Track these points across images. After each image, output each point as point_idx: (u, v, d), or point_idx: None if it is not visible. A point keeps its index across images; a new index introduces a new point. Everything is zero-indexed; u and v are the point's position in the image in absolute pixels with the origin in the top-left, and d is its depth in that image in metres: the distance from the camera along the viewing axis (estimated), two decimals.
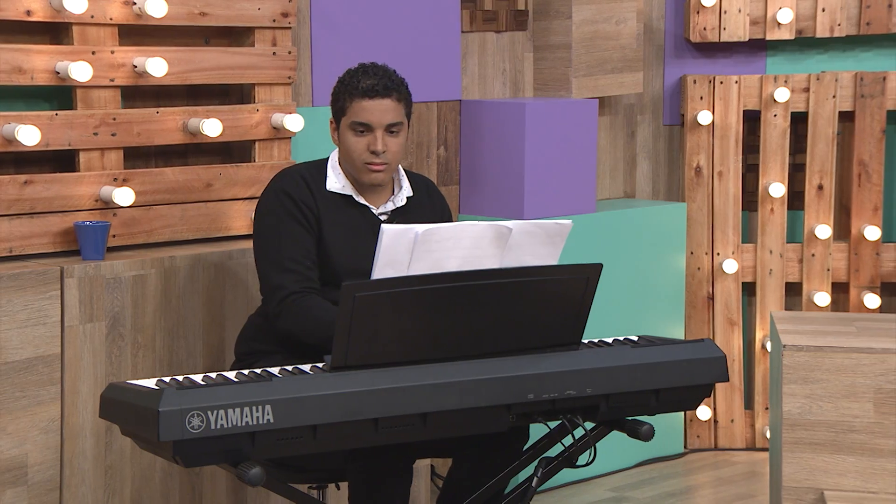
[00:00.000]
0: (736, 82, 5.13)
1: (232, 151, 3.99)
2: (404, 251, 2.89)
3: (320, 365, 2.94)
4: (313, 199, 3.29)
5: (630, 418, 3.15)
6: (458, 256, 2.95)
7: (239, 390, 2.72)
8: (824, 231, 5.13)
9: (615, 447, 4.81)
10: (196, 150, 3.93)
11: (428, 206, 3.45)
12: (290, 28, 3.98)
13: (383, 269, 2.89)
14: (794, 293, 5.23)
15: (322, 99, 4.20)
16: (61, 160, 3.63)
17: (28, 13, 3.44)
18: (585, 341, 3.22)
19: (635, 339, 3.28)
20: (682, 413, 5.12)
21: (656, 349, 3.13)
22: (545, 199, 4.62)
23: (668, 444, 5.08)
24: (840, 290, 5.22)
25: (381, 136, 3.28)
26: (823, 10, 5.11)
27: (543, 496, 4.61)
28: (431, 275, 2.85)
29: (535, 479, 3.09)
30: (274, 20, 3.92)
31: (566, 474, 4.70)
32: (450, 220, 3.51)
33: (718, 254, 5.17)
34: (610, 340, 3.25)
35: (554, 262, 3.09)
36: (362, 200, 3.34)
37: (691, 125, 5.15)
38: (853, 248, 5.16)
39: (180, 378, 2.85)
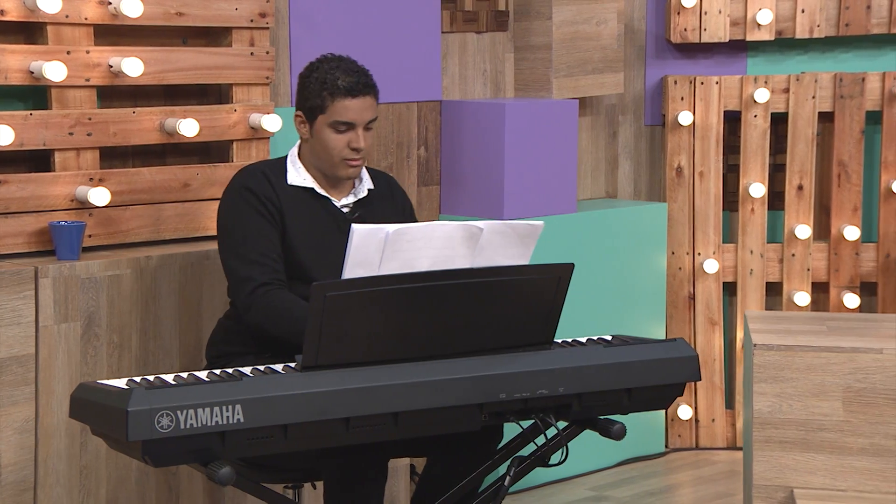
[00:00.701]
0: (716, 83, 5.11)
1: (210, 151, 3.97)
2: (375, 251, 2.87)
3: (292, 365, 2.92)
4: (275, 193, 3.27)
5: (602, 417, 3.13)
6: (429, 256, 2.93)
7: (209, 390, 2.70)
8: (804, 231, 5.11)
9: (595, 446, 4.79)
10: (174, 151, 3.90)
11: (389, 199, 3.44)
12: (267, 28, 3.95)
13: (354, 268, 2.86)
14: (774, 293, 5.21)
15: None
16: (37, 160, 3.61)
17: (1, 13, 3.41)
18: (559, 341, 3.20)
19: (609, 338, 3.26)
20: (664, 412, 5.10)
21: (628, 349, 3.11)
22: (525, 200, 4.60)
23: (649, 444, 5.06)
24: (820, 290, 5.20)
25: (361, 133, 3.28)
26: (803, 11, 5.09)
27: (523, 495, 4.59)
28: (402, 275, 2.83)
29: (508, 478, 3.08)
30: (252, 20, 3.90)
31: (546, 473, 4.69)
32: (412, 214, 3.51)
33: (699, 254, 5.15)
34: (584, 340, 3.23)
35: (525, 263, 3.07)
36: (324, 193, 3.33)
37: (672, 125, 5.13)
38: (833, 248, 5.15)
39: (151, 378, 2.82)
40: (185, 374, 2.85)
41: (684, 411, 5.13)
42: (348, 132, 3.27)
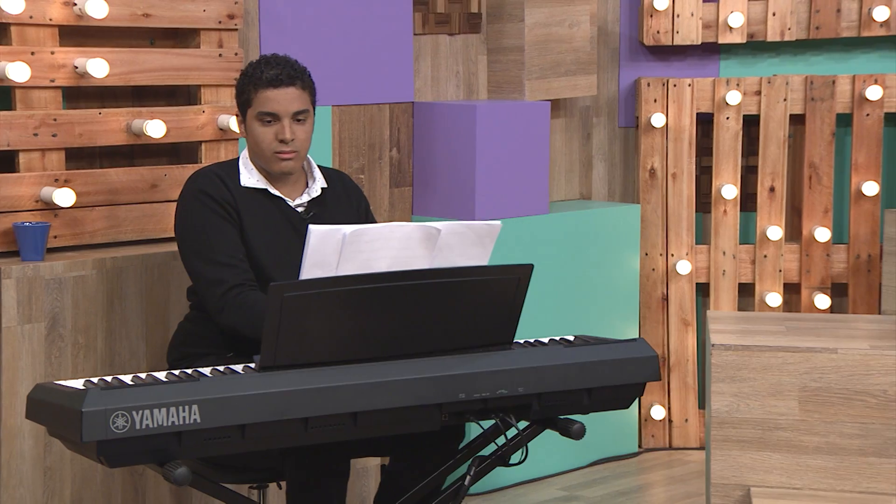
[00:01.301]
0: (689, 85, 5.09)
1: (179, 152, 3.94)
2: (332, 252, 2.85)
3: (252, 365, 2.89)
4: (231, 195, 3.26)
5: (563, 417, 3.11)
6: (388, 257, 2.91)
7: (165, 390, 2.67)
8: (776, 233, 5.10)
9: (568, 447, 4.79)
10: (143, 152, 3.87)
11: (344, 198, 3.42)
12: (236, 30, 3.93)
13: (311, 269, 2.84)
14: (747, 294, 5.19)
15: None
16: (1, 160, 3.58)
17: None
18: (521, 341, 3.18)
19: (571, 338, 3.24)
20: (637, 413, 5.09)
21: (588, 349, 3.09)
22: (497, 201, 4.58)
23: (623, 444, 5.04)
24: (792, 291, 5.19)
25: (288, 124, 3.26)
26: (774, 14, 5.08)
27: (495, 495, 4.57)
28: (360, 275, 2.81)
29: (468, 477, 3.05)
30: (220, 21, 3.87)
31: (519, 473, 4.67)
32: (368, 211, 3.49)
33: (672, 255, 5.14)
34: (546, 340, 3.21)
35: (484, 263, 3.05)
36: (277, 193, 3.32)
37: (645, 127, 5.11)
38: (804, 249, 5.13)
39: (109, 379, 2.80)
40: (143, 375, 2.82)
41: (657, 411, 5.12)
42: (275, 123, 3.26)
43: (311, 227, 2.84)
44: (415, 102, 4.64)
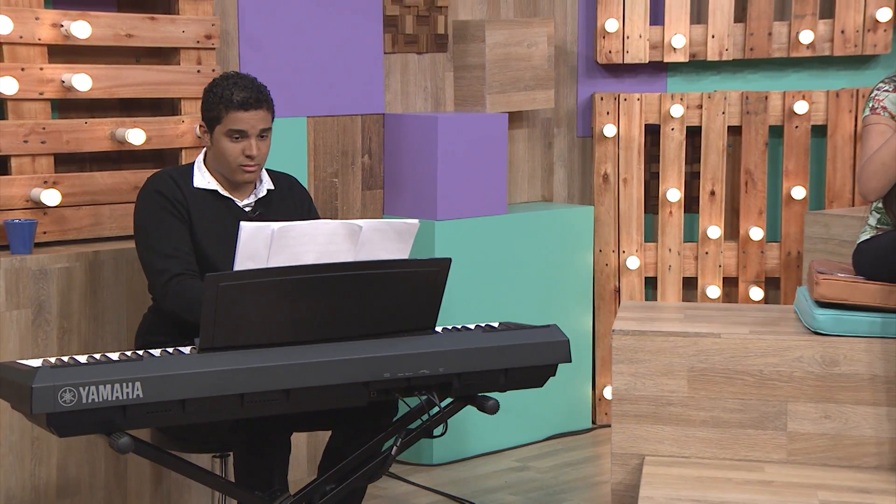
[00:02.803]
0: (638, 100, 5.05)
1: (163, 158, 3.93)
2: (262, 246, 2.83)
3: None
4: (183, 195, 3.24)
5: (481, 395, 3.08)
6: (315, 251, 2.89)
7: (111, 368, 2.66)
8: (715, 232, 5.05)
9: (526, 423, 4.76)
10: (131, 157, 3.87)
11: (289, 198, 3.39)
12: (213, 49, 3.91)
13: (244, 261, 2.82)
14: (690, 287, 5.15)
15: None
16: None
17: None
18: (449, 327, 3.15)
19: (496, 325, 3.20)
20: (591, 390, 5.04)
21: (504, 333, 3.06)
22: (457, 202, 4.55)
23: (577, 420, 5.00)
24: (730, 284, 5.14)
25: (254, 142, 3.24)
26: (713, 36, 5.03)
27: (454, 465, 4.54)
28: (288, 267, 2.79)
29: (395, 447, 3.03)
30: (198, 41, 3.86)
31: (477, 446, 4.64)
32: (311, 209, 3.46)
33: (624, 251, 5.09)
34: (472, 326, 3.18)
35: (405, 257, 3.02)
36: (227, 194, 3.30)
37: (599, 137, 5.07)
38: (741, 247, 5.08)
39: (66, 358, 2.79)
40: (97, 356, 2.81)
41: (608, 391, 5.07)
42: (242, 140, 3.24)
43: (241, 223, 2.82)
44: (385, 114, 4.62)
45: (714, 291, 5.05)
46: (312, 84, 4.36)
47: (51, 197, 3.52)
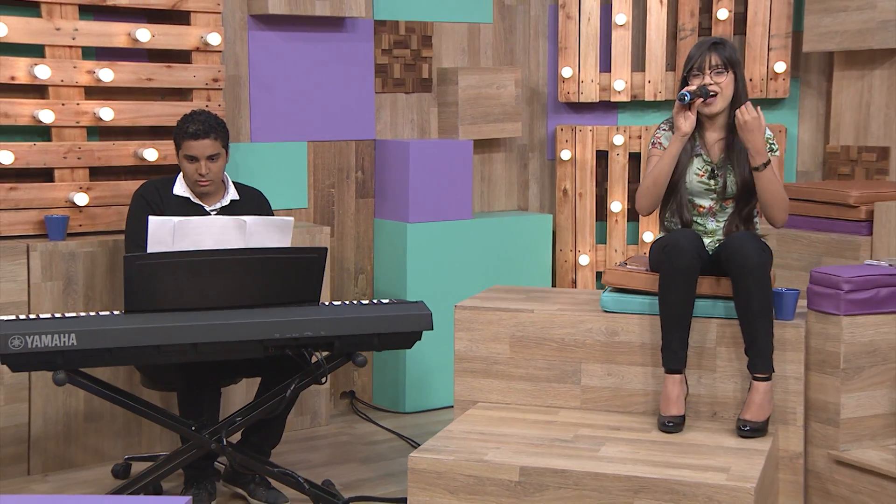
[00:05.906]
0: (590, 131, 4.96)
1: (172, 171, 3.99)
2: (168, 235, 2.92)
3: None
4: (161, 200, 3.35)
5: (358, 353, 3.10)
6: (212, 240, 2.96)
7: (54, 323, 2.79)
8: (649, 236, 4.92)
9: None
10: (148, 170, 3.92)
11: (249, 207, 3.46)
12: (220, 90, 4.02)
13: (154, 246, 2.92)
14: None
15: (258, 136, 4.26)
16: (44, 175, 3.76)
17: (13, 78, 3.59)
18: (347, 302, 3.18)
19: (386, 301, 3.21)
20: None
21: (379, 306, 3.09)
22: (427, 208, 4.56)
23: None
24: None
25: (204, 163, 3.32)
26: (649, 81, 4.91)
27: (422, 414, 4.50)
28: (189, 251, 2.88)
29: (290, 389, 3.08)
30: (207, 83, 3.98)
31: (443, 400, 4.60)
32: (269, 214, 3.50)
33: (579, 251, 5.01)
34: (356, 302, 3.20)
35: (287, 245, 3.06)
36: (197, 201, 3.38)
37: (559, 160, 5.00)
38: None
39: (33, 315, 2.92)
40: (59, 314, 2.94)
41: None
42: (195, 162, 3.33)
43: (149, 217, 2.92)
44: (376, 139, 4.67)
45: None
46: (313, 118, 4.44)
47: (81, 199, 3.70)
